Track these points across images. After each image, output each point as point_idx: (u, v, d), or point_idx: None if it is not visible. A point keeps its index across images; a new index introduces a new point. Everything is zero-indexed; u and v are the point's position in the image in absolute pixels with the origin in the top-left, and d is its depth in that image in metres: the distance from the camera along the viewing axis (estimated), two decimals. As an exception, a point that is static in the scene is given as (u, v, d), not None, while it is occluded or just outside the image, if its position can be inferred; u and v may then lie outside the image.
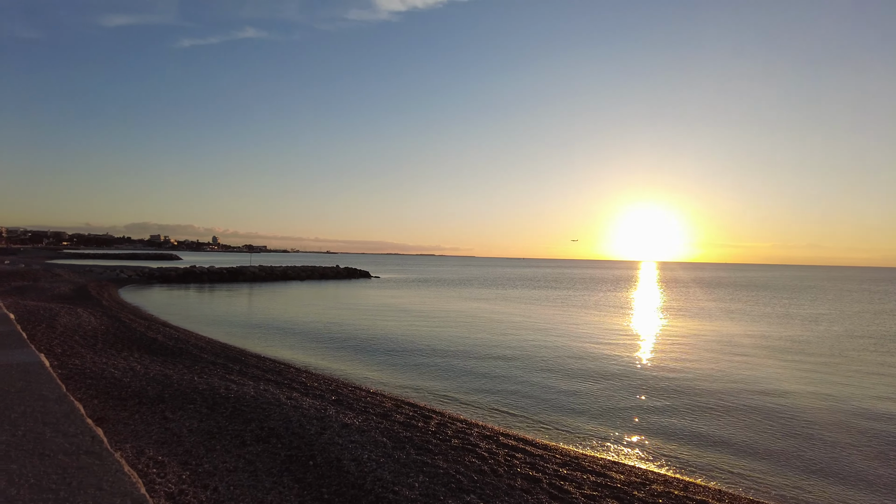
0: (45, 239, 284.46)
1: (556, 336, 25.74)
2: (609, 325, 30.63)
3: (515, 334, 26.06)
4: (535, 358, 20.09)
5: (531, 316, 34.61)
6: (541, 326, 29.27)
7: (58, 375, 6.35)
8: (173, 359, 15.57)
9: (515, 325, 29.82)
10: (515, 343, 23.37)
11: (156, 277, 58.65)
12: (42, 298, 31.10)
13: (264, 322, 28.33)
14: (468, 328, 27.87)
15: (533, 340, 24.17)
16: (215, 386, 11.57)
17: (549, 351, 21.62)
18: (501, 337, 24.97)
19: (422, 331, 26.43)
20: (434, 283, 74.05)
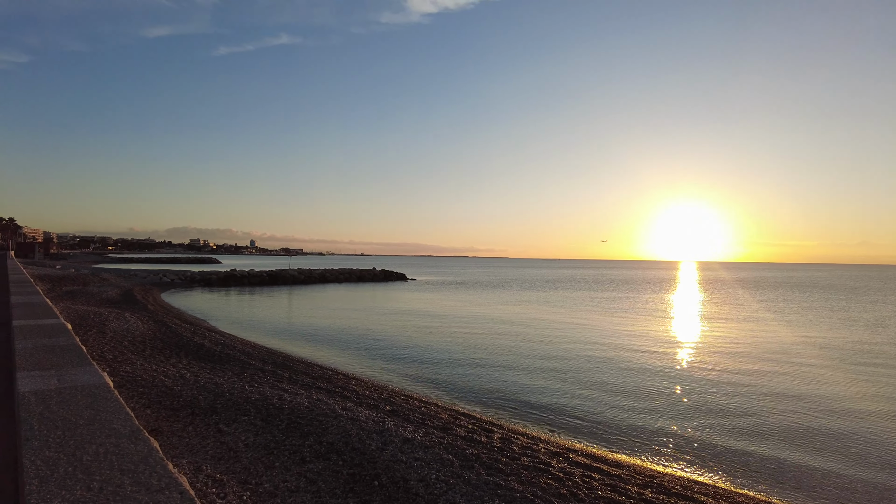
0: (92, 244, 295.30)
1: (607, 344, 24.78)
2: (661, 332, 29.45)
3: (565, 342, 25.21)
4: (588, 368, 19.27)
5: (578, 321, 33.63)
6: (590, 333, 28.31)
7: (113, 383, 6.05)
8: (222, 365, 15.34)
9: (563, 331, 28.94)
10: (566, 351, 22.55)
11: (197, 281, 59.61)
12: (91, 303, 31.68)
13: (306, 326, 28.17)
14: (515, 335, 27.13)
15: (584, 349, 23.31)
16: (268, 395, 11.20)
17: (602, 360, 20.74)
18: (550, 345, 24.16)
19: (466, 337, 25.83)
20: (471, 285, 73.36)
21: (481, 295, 54.78)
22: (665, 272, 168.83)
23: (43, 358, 4.80)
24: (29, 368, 4.39)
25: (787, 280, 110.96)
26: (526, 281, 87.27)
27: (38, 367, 4.43)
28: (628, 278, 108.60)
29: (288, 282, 66.67)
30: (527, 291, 61.25)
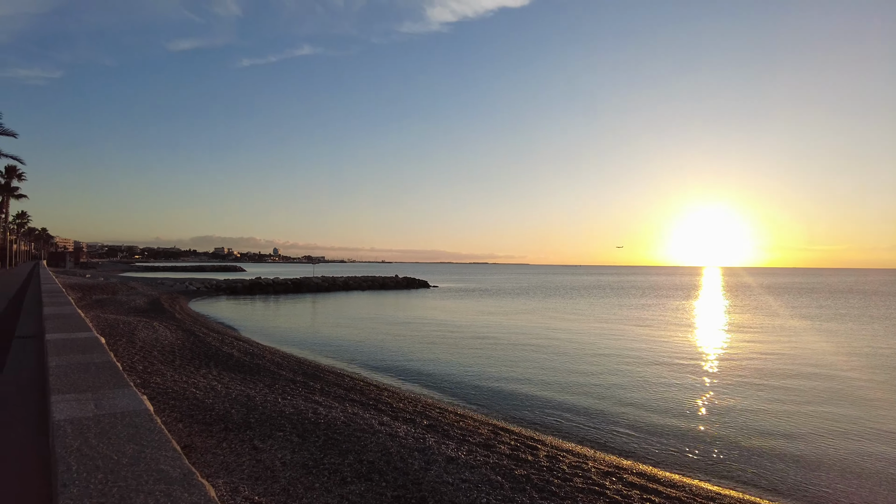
0: (120, 253, 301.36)
1: (643, 355, 24.02)
2: (697, 343, 28.52)
3: (599, 353, 24.51)
4: (626, 380, 18.60)
5: (611, 331, 32.81)
6: (624, 344, 27.53)
7: (146, 396, 5.70)
8: (252, 376, 15.06)
9: (596, 342, 28.22)
10: (601, 363, 21.88)
11: (223, 290, 60.02)
12: (120, 311, 31.86)
13: (333, 335, 27.90)
14: (546, 346, 26.51)
15: (619, 360, 22.60)
16: (302, 409, 10.82)
17: (639, 372, 20.05)
18: (584, 356, 23.50)
19: (495, 347, 25.29)
20: (494, 292, 72.69)
21: (506, 303, 54.11)
22: (689, 278, 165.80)
23: (78, 378, 4.44)
24: (63, 390, 4.03)
25: (818, 285, 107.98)
26: (549, 288, 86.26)
27: (73, 389, 4.06)
28: (653, 285, 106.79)
29: (312, 289, 66.85)
30: (552, 299, 60.38)
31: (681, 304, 54.95)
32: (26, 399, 5.40)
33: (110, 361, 5.16)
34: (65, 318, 8.67)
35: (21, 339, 9.63)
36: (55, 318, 8.70)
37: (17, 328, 11.14)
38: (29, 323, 12.44)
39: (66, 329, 7.50)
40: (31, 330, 11.28)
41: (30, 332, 10.31)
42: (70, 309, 10.46)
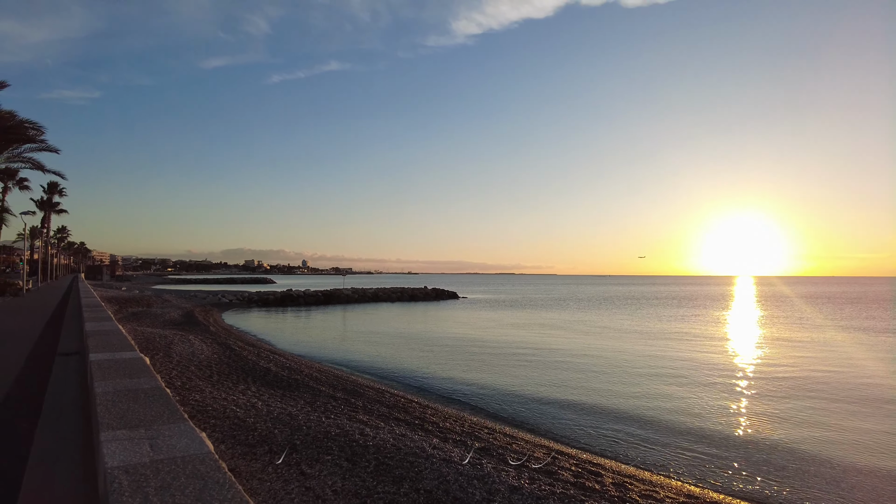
0: (153, 265, 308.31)
1: (695, 372, 22.94)
2: (745, 359, 27.27)
3: (646, 367, 23.52)
4: (679, 397, 17.67)
5: (655, 345, 31.68)
6: (673, 357, 26.39)
7: (186, 413, 5.25)
8: (291, 392, 14.63)
9: (641, 355, 27.18)
10: (649, 378, 20.93)
11: (255, 302, 60.33)
12: (156, 324, 32.02)
13: (367, 348, 27.48)
14: (590, 360, 25.60)
15: (669, 375, 21.61)
16: (348, 430, 10.29)
17: (692, 390, 19.07)
18: (631, 372, 22.54)
19: (534, 361, 24.52)
20: (525, 303, 71.65)
21: (540, 315, 53.10)
22: (722, 288, 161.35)
23: (128, 409, 3.95)
24: (113, 425, 3.54)
25: (861, 295, 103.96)
26: (581, 299, 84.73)
27: (124, 424, 3.58)
28: (687, 295, 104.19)
29: (342, 301, 66.83)
30: (587, 311, 59.11)
31: (719, 315, 53.21)
32: (71, 429, 4.97)
33: (159, 388, 4.69)
34: (106, 335, 8.31)
35: (63, 356, 9.35)
36: (97, 334, 8.36)
37: (59, 343, 10.93)
38: (70, 338, 12.25)
39: (109, 347, 7.11)
40: (74, 346, 11.05)
41: (72, 349, 10.05)
42: (111, 325, 10.15)
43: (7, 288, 30.94)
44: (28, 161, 23.14)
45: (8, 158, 23.66)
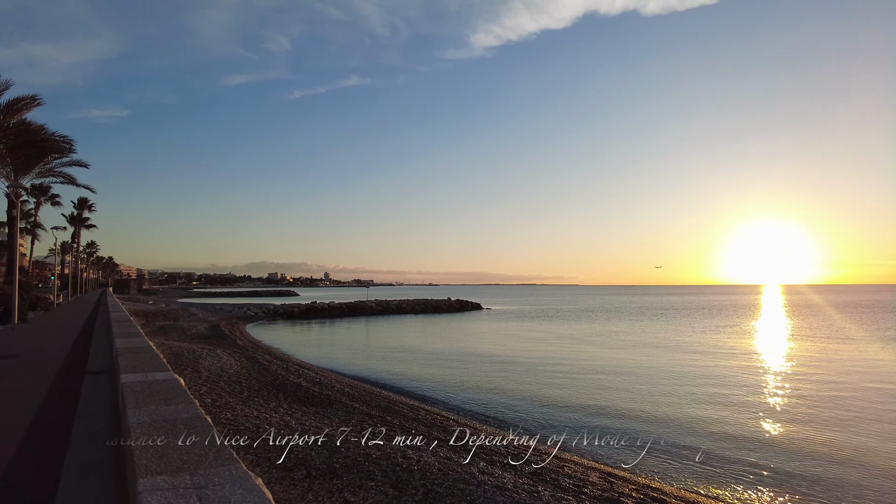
0: (179, 279, 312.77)
1: (749, 386, 21.93)
2: (796, 373, 26.09)
3: (691, 380, 22.53)
4: (736, 414, 16.71)
5: (698, 356, 30.56)
6: (720, 369, 25.39)
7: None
8: (325, 410, 14.08)
9: (685, 367, 26.15)
10: (697, 392, 19.97)
11: (280, 314, 60.28)
12: (183, 338, 31.88)
13: (395, 362, 26.91)
14: (630, 373, 24.70)
15: (718, 389, 20.63)
16: (388, 451, 9.67)
17: (749, 408, 18.08)
18: (677, 385, 21.60)
19: (570, 376, 23.67)
20: (553, 315, 70.49)
21: (569, 326, 52.00)
22: (749, 297, 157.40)
23: (167, 447, 3.40)
24: (153, 469, 2.98)
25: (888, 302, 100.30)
26: (609, 310, 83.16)
27: (164, 468, 3.02)
28: (717, 305, 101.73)
29: (366, 313, 66.46)
30: (617, 322, 57.78)
31: (754, 326, 51.54)
32: (102, 470, 4.44)
33: (200, 417, 4.13)
34: (137, 353, 7.84)
35: (93, 374, 8.94)
36: (127, 352, 7.89)
37: (88, 360, 10.57)
38: (100, 355, 11.90)
39: (141, 367, 6.61)
40: (103, 363, 10.66)
41: (102, 367, 9.66)
42: (141, 341, 9.71)
43: (39, 302, 31.12)
44: (59, 175, 23.22)
45: (40, 173, 23.74)
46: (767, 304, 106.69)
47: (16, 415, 6.70)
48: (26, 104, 15.83)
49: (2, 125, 15.12)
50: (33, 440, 5.58)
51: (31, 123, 15.99)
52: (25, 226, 58.91)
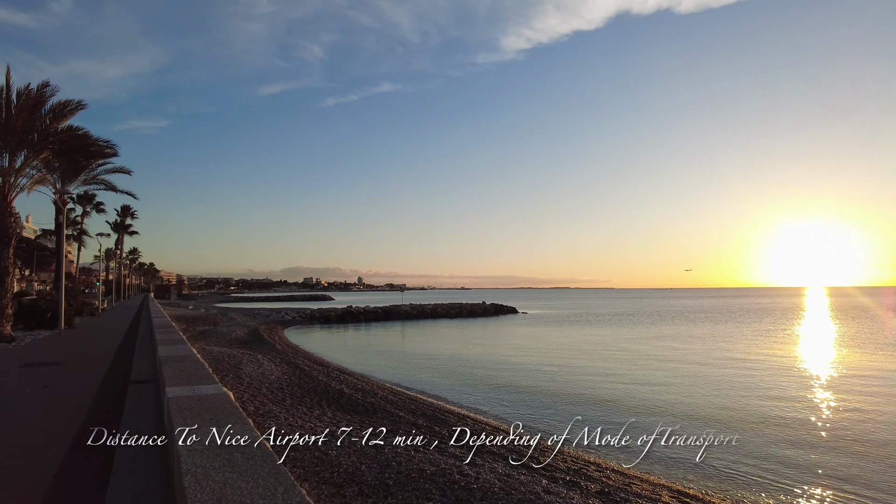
0: (217, 284, 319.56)
1: (825, 395, 20.64)
2: (872, 383, 24.54)
3: (757, 389, 21.36)
4: (812, 425, 15.58)
5: (764, 362, 29.18)
6: (789, 378, 24.08)
7: None
8: (370, 418, 13.57)
9: (748, 375, 24.91)
10: (766, 402, 18.84)
11: (316, 318, 60.54)
12: (223, 343, 31.98)
13: (434, 366, 26.39)
14: (688, 380, 23.60)
15: (792, 399, 19.43)
16: (443, 467, 9.06)
17: (827, 418, 16.90)
18: (743, 394, 20.47)
19: (621, 382, 22.69)
20: (591, 318, 68.99)
21: (612, 329, 50.64)
22: (794, 299, 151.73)
23: (225, 483, 2.81)
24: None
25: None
26: (652, 313, 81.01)
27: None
28: (763, 307, 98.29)
29: (401, 317, 66.23)
30: (661, 325, 56.03)
31: (807, 330, 49.32)
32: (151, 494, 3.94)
33: (260, 445, 3.58)
34: (182, 363, 7.41)
35: (137, 384, 8.60)
36: (172, 361, 7.48)
37: (132, 368, 10.30)
38: (143, 362, 11.65)
39: (187, 379, 6.16)
40: (147, 371, 10.36)
41: (146, 376, 9.33)
42: (185, 349, 9.34)
43: (85, 308, 31.68)
44: (102, 182, 23.49)
45: (85, 181, 24.02)
46: (815, 306, 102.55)
47: (58, 430, 6.33)
48: (71, 109, 15.93)
49: (49, 130, 15.24)
50: (73, 466, 5.16)
51: (77, 128, 16.13)
52: (72, 233, 60.58)
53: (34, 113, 14.99)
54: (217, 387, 5.72)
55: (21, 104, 14.76)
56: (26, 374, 10.93)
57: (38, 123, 15.17)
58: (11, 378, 10.60)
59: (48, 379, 10.10)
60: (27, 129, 14.85)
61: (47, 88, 15.15)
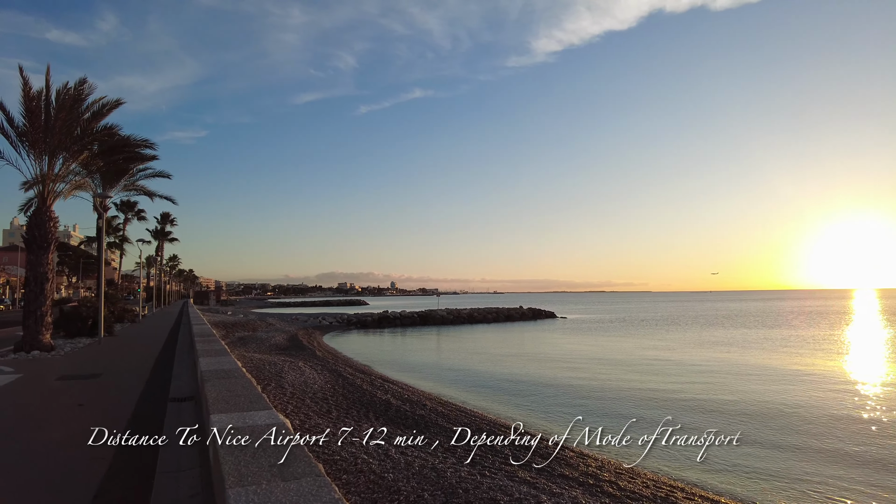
0: (254, 290, 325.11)
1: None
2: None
3: (832, 402, 19.62)
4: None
5: (840, 374, 27.21)
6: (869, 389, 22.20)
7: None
8: (422, 433, 12.51)
9: (823, 388, 23.08)
10: (838, 417, 17.15)
11: (353, 323, 60.16)
12: (263, 350, 31.47)
13: (477, 373, 25.41)
14: (766, 397, 21.94)
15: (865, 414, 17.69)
16: (517, 497, 7.91)
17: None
18: (818, 408, 18.79)
19: (694, 396, 21.16)
20: (636, 323, 66.68)
21: (663, 335, 48.51)
22: (843, 302, 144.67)
23: None
24: None
25: None
26: (699, 317, 78.13)
27: None
28: (817, 310, 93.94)
29: (437, 322, 65.31)
30: (712, 329, 53.70)
31: (870, 335, 46.44)
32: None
33: (331, 495, 2.51)
34: (227, 380, 6.46)
35: (176, 402, 7.73)
36: (215, 378, 6.54)
37: (171, 381, 9.48)
38: (183, 374, 10.85)
39: (235, 403, 5.18)
40: (187, 386, 9.52)
41: (186, 392, 8.47)
42: (229, 361, 8.43)
43: (126, 314, 31.63)
44: (142, 189, 23.16)
45: (125, 186, 23.72)
46: (869, 310, 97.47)
47: (86, 471, 5.43)
48: (109, 107, 15.40)
49: (88, 129, 14.71)
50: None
51: (116, 127, 15.60)
52: (115, 240, 61.60)
53: (73, 112, 14.48)
54: (272, 414, 4.72)
55: (59, 104, 14.27)
56: (62, 389, 10.24)
57: (78, 123, 14.66)
58: (47, 394, 9.90)
59: (83, 394, 9.37)
60: (66, 129, 14.34)
61: (85, 86, 14.66)
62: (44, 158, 14.43)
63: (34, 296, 15.39)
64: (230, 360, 9.14)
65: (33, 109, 14.07)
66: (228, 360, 9.10)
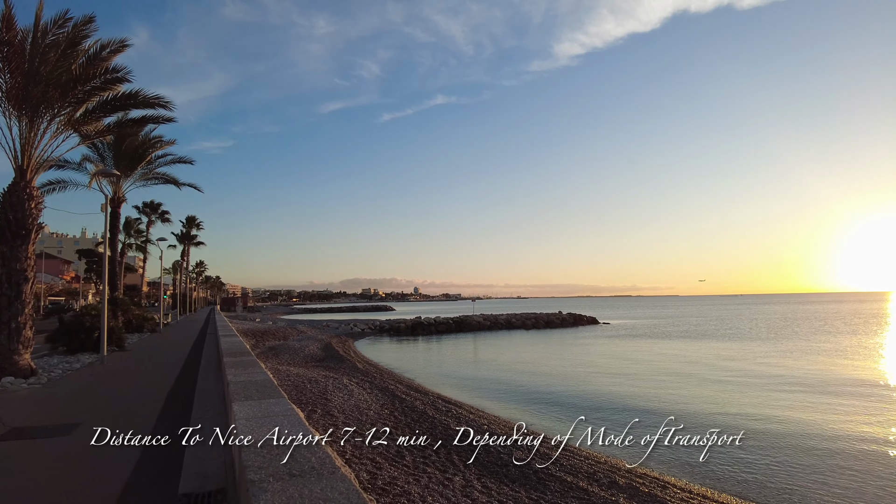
0: (280, 296, 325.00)
1: None
2: None
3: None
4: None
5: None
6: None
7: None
8: (539, 496, 8.83)
9: None
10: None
11: (386, 330, 57.18)
12: (297, 361, 28.16)
13: (530, 386, 22.49)
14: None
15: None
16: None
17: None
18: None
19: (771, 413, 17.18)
20: (694, 330, 61.93)
21: (730, 343, 44.20)
22: (879, 304, 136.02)
23: None
24: None
25: None
26: (749, 321, 73.00)
27: None
28: (870, 313, 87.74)
29: (473, 328, 61.65)
30: (767, 340, 49.09)
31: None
32: None
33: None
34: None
35: (191, 501, 4.18)
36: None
37: (187, 444, 5.81)
38: (207, 420, 7.24)
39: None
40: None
41: (209, 473, 4.84)
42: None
43: (145, 323, 28.34)
44: (162, 176, 19.98)
45: (144, 175, 20.53)
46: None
47: None
48: (112, 50, 11.88)
49: (83, 76, 10.97)
50: None
51: (119, 69, 11.83)
52: (139, 243, 59.19)
53: (66, 54, 10.95)
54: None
55: (47, 43, 10.78)
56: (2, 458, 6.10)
57: (71, 69, 11.07)
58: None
59: (27, 475, 5.31)
60: (57, 75, 10.74)
61: (90, 25, 11.17)
62: (23, 116, 10.93)
63: (7, 301, 11.44)
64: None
65: (16, 46, 10.53)
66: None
